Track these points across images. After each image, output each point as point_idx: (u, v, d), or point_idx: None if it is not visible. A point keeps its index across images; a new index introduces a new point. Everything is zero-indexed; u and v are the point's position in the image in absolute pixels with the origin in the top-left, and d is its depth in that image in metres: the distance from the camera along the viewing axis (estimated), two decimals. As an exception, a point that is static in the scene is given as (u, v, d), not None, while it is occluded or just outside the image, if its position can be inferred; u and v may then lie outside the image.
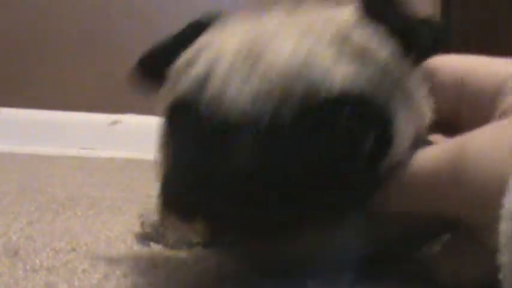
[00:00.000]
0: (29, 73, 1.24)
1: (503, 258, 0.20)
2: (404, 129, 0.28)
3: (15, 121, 1.22)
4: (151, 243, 0.41)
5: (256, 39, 0.27)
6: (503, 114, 0.26)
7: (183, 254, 0.39)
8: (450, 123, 0.31)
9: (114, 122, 1.24)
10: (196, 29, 0.33)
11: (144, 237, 0.42)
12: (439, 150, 0.26)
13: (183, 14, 1.27)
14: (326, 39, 0.27)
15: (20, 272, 0.33)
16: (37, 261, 0.36)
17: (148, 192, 0.43)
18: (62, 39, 1.25)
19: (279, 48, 0.26)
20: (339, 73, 0.26)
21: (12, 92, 1.24)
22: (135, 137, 1.24)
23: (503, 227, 0.20)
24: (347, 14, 0.29)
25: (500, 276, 0.20)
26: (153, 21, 1.27)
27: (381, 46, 0.27)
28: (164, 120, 0.31)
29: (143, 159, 1.15)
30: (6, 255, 0.37)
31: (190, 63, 0.29)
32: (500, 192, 0.21)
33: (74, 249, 0.40)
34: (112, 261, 0.37)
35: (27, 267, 0.34)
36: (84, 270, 0.34)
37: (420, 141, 0.29)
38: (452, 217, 0.26)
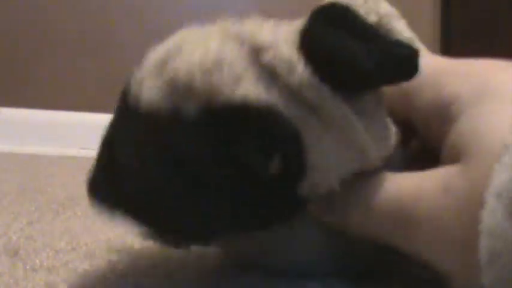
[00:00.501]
0: (29, 73, 1.24)
1: (485, 278, 0.19)
2: (335, 152, 0.26)
3: (15, 121, 1.22)
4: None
5: (177, 45, 0.29)
6: (452, 150, 0.23)
7: (183, 254, 0.39)
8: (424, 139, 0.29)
9: (114, 122, 1.24)
10: None
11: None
12: (396, 189, 0.25)
13: (182, 14, 1.27)
14: (244, 50, 0.26)
15: (20, 272, 0.33)
16: (37, 261, 0.36)
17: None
18: (61, 39, 1.25)
19: (191, 50, 0.27)
20: (246, 83, 0.25)
21: (12, 92, 1.24)
22: (135, 137, 1.24)
23: (483, 243, 0.19)
24: (277, 32, 0.27)
25: None
26: (153, 21, 1.27)
27: (292, 72, 0.25)
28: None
29: (143, 159, 1.15)
30: (6, 255, 0.37)
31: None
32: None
33: (74, 249, 0.40)
34: (112, 261, 0.37)
35: (27, 267, 0.34)
36: (84, 270, 0.34)
37: (394, 162, 0.28)
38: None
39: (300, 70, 0.25)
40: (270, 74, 0.25)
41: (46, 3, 1.24)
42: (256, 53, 0.26)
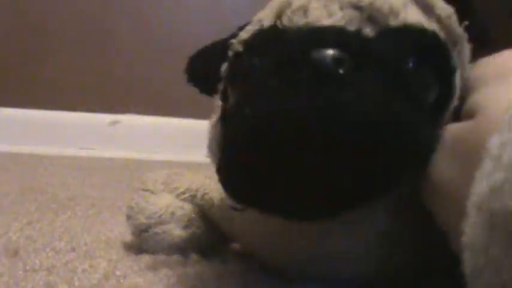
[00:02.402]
0: (29, 73, 1.24)
1: None
2: (457, 92, 0.28)
3: (15, 121, 1.22)
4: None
5: None
6: (468, 112, 0.25)
7: (182, 254, 0.39)
8: None
9: (114, 122, 1.24)
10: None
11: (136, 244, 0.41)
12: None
13: (183, 14, 1.27)
14: None
15: (20, 272, 0.33)
16: (37, 261, 0.36)
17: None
18: (62, 39, 1.25)
19: None
20: (413, 10, 0.27)
21: (12, 92, 1.24)
22: (135, 137, 1.24)
23: (467, 257, 0.18)
24: None
25: None
26: (153, 21, 1.27)
27: (441, 4, 0.28)
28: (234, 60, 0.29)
29: (143, 159, 1.16)
30: (6, 255, 0.37)
31: (256, 23, 0.29)
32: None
33: (74, 249, 0.40)
34: (112, 261, 0.37)
35: (27, 267, 0.34)
36: (84, 270, 0.34)
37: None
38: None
39: (447, 6, 0.28)
40: (422, 6, 0.28)
41: (46, 4, 1.24)
42: None
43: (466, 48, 0.29)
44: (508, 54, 0.27)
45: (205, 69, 0.32)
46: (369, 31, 0.26)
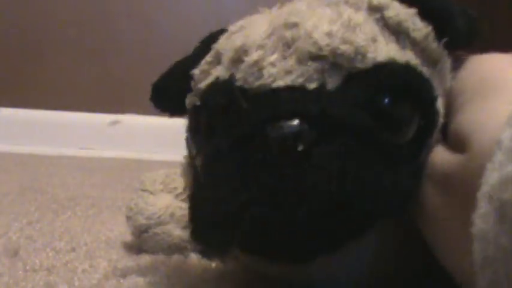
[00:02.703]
0: (29, 73, 1.24)
1: (480, 280, 0.19)
2: (440, 114, 0.26)
3: (15, 121, 1.22)
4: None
5: (287, 18, 0.26)
6: (455, 137, 0.24)
7: (182, 254, 0.39)
8: None
9: (114, 122, 1.24)
10: (208, 44, 0.30)
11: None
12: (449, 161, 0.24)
13: (183, 14, 1.27)
14: (363, 9, 0.26)
15: (20, 272, 0.33)
16: (37, 261, 0.36)
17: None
18: (61, 39, 1.25)
19: (315, 20, 0.25)
20: (382, 44, 0.25)
21: (12, 92, 1.24)
22: (135, 137, 1.24)
23: (476, 247, 0.19)
24: None
25: None
26: (153, 21, 1.27)
27: (416, 26, 0.27)
28: (192, 121, 0.29)
29: (143, 159, 1.16)
30: (6, 255, 0.37)
31: (215, 59, 0.28)
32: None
33: (73, 249, 0.40)
34: (112, 261, 0.37)
35: (27, 267, 0.34)
36: (84, 270, 0.34)
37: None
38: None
39: (422, 24, 0.26)
40: (395, 32, 0.26)
41: (46, 4, 1.24)
42: (375, 12, 0.26)
43: (447, 63, 0.28)
44: (490, 62, 0.26)
45: (170, 96, 0.32)
46: (333, 81, 0.24)
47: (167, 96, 0.32)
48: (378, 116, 0.24)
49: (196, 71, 0.29)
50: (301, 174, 0.22)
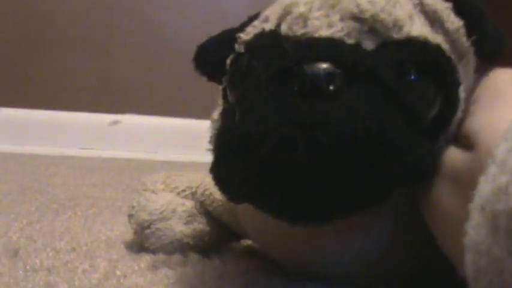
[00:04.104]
0: (29, 73, 1.24)
1: None
2: (463, 102, 0.27)
3: (15, 121, 1.22)
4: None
5: None
6: (464, 139, 0.26)
7: (182, 254, 0.39)
8: None
9: (114, 122, 1.24)
10: (256, 17, 0.31)
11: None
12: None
13: (183, 14, 1.27)
14: None
15: (20, 272, 0.33)
16: (37, 261, 0.36)
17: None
18: (61, 39, 1.25)
19: None
20: (417, 23, 0.26)
21: (12, 92, 1.24)
22: (135, 137, 1.24)
23: (469, 258, 0.19)
24: None
25: None
26: (154, 21, 1.27)
27: (450, 17, 0.28)
28: (234, 64, 0.29)
29: (143, 159, 1.16)
30: (6, 255, 0.37)
31: (263, 21, 0.29)
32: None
33: (74, 249, 0.40)
34: (112, 261, 0.37)
35: (28, 267, 0.34)
36: (84, 270, 0.34)
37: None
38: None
39: (457, 19, 0.28)
40: (430, 18, 0.27)
41: (46, 4, 1.24)
42: None
43: (472, 61, 0.29)
44: (504, 76, 0.27)
45: (213, 58, 0.32)
46: (369, 43, 0.25)
47: (209, 58, 0.32)
48: (405, 84, 0.25)
49: (241, 34, 0.29)
50: (329, 111, 0.23)
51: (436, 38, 0.27)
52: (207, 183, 0.41)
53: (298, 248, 0.31)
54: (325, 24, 0.26)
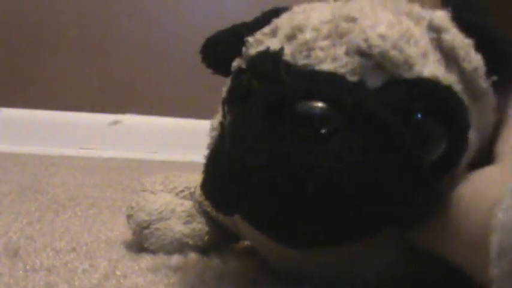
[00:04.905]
0: (29, 73, 1.24)
1: (495, 270, 0.20)
2: (471, 147, 0.26)
3: (15, 121, 1.22)
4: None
5: (348, 12, 0.26)
6: (497, 155, 0.26)
7: (182, 254, 0.39)
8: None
9: (114, 122, 1.24)
10: (269, 17, 0.30)
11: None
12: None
13: (183, 14, 1.27)
14: (422, 25, 0.26)
15: (20, 272, 0.33)
16: (37, 261, 0.36)
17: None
18: (61, 39, 1.25)
19: (374, 20, 0.26)
20: (431, 62, 0.25)
21: (12, 92, 1.24)
22: (135, 137, 1.24)
23: (495, 238, 0.20)
24: (440, 13, 0.28)
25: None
26: (154, 21, 1.27)
27: (468, 56, 0.26)
28: (235, 81, 0.29)
29: (143, 159, 1.16)
30: (6, 255, 0.37)
31: (272, 33, 0.28)
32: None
33: (74, 249, 0.40)
34: (112, 261, 0.37)
35: (28, 267, 0.34)
36: (84, 270, 0.34)
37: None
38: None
39: (476, 58, 0.26)
40: (447, 55, 0.26)
41: (46, 4, 1.24)
42: (434, 31, 0.26)
43: (490, 102, 0.28)
44: None
45: (220, 51, 0.32)
46: (374, 81, 0.24)
47: (216, 52, 0.32)
48: (409, 127, 0.24)
49: (250, 39, 0.29)
50: (318, 156, 0.22)
51: (449, 78, 0.25)
52: None
53: (291, 253, 0.31)
54: (329, 57, 0.25)
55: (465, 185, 0.25)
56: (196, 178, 0.42)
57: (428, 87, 0.24)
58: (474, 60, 0.26)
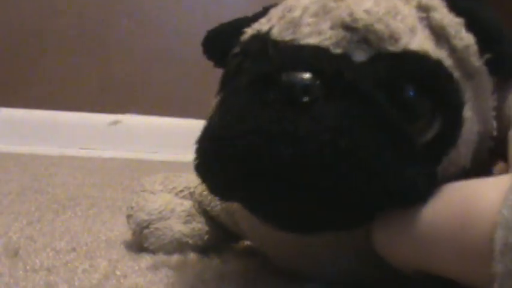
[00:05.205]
0: (29, 73, 1.24)
1: (498, 266, 0.20)
2: (470, 128, 0.26)
3: (15, 121, 1.22)
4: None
5: None
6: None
7: (182, 254, 0.39)
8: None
9: (114, 122, 1.24)
10: (268, 11, 0.31)
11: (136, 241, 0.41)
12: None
13: (183, 14, 1.27)
14: (411, 5, 0.26)
15: (20, 272, 0.33)
16: (37, 261, 0.36)
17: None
18: (61, 39, 1.25)
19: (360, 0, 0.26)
20: (419, 37, 0.25)
21: (12, 92, 1.24)
22: (135, 137, 1.24)
23: (499, 234, 0.20)
24: None
25: (495, 285, 0.20)
26: (153, 21, 1.27)
27: (458, 34, 0.26)
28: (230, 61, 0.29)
29: (143, 159, 1.16)
30: (6, 255, 0.37)
31: (267, 22, 0.29)
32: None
33: (74, 249, 0.40)
34: (112, 261, 0.37)
35: (28, 267, 0.34)
36: (84, 270, 0.34)
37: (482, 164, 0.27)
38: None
39: (467, 36, 0.26)
40: (437, 33, 0.26)
41: (46, 3, 1.24)
42: (423, 11, 0.26)
43: (486, 82, 0.27)
44: None
45: (221, 44, 0.32)
46: (359, 55, 0.24)
47: (217, 44, 0.33)
48: (394, 101, 0.24)
49: (248, 29, 0.29)
50: (297, 123, 0.22)
51: (439, 54, 0.25)
52: None
53: (289, 249, 0.31)
54: (315, 32, 0.25)
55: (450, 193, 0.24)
56: (195, 178, 0.42)
57: (415, 60, 0.24)
58: (465, 38, 0.26)
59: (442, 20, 0.26)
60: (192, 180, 0.42)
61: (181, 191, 0.41)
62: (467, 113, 0.25)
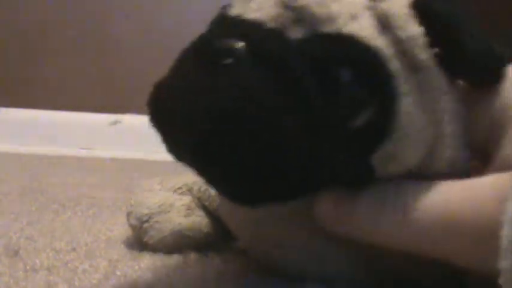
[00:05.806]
0: (29, 73, 1.24)
1: (504, 263, 0.20)
2: (414, 126, 0.25)
3: (15, 121, 1.22)
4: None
5: None
6: (504, 162, 0.25)
7: (182, 254, 0.39)
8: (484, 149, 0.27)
9: (114, 122, 1.24)
10: None
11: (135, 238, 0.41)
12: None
13: (183, 14, 1.27)
14: None
15: (20, 272, 0.33)
16: (37, 261, 0.36)
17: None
18: (62, 39, 1.25)
19: None
20: (360, 24, 0.25)
21: (12, 92, 1.24)
22: (135, 137, 1.24)
23: (506, 231, 0.20)
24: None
25: (501, 281, 0.20)
26: (153, 21, 1.27)
27: (403, 24, 0.25)
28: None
29: (143, 159, 1.16)
30: (6, 255, 0.37)
31: None
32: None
33: (74, 249, 0.40)
34: (112, 261, 0.37)
35: (28, 267, 0.34)
36: (84, 270, 0.34)
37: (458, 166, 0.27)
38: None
39: (413, 27, 0.25)
40: (382, 22, 0.25)
41: (46, 3, 1.24)
42: (371, 1, 0.26)
43: (436, 78, 0.26)
44: None
45: None
46: (293, 34, 0.24)
47: None
48: (320, 78, 0.24)
49: None
50: (212, 80, 0.24)
51: (380, 42, 0.24)
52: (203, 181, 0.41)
53: (264, 238, 0.31)
54: (258, 9, 0.26)
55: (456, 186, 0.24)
56: (194, 176, 0.42)
57: (349, 42, 0.24)
58: (411, 29, 0.25)
59: (388, 9, 0.25)
60: (190, 178, 0.42)
61: (179, 188, 0.42)
62: (408, 107, 0.25)
